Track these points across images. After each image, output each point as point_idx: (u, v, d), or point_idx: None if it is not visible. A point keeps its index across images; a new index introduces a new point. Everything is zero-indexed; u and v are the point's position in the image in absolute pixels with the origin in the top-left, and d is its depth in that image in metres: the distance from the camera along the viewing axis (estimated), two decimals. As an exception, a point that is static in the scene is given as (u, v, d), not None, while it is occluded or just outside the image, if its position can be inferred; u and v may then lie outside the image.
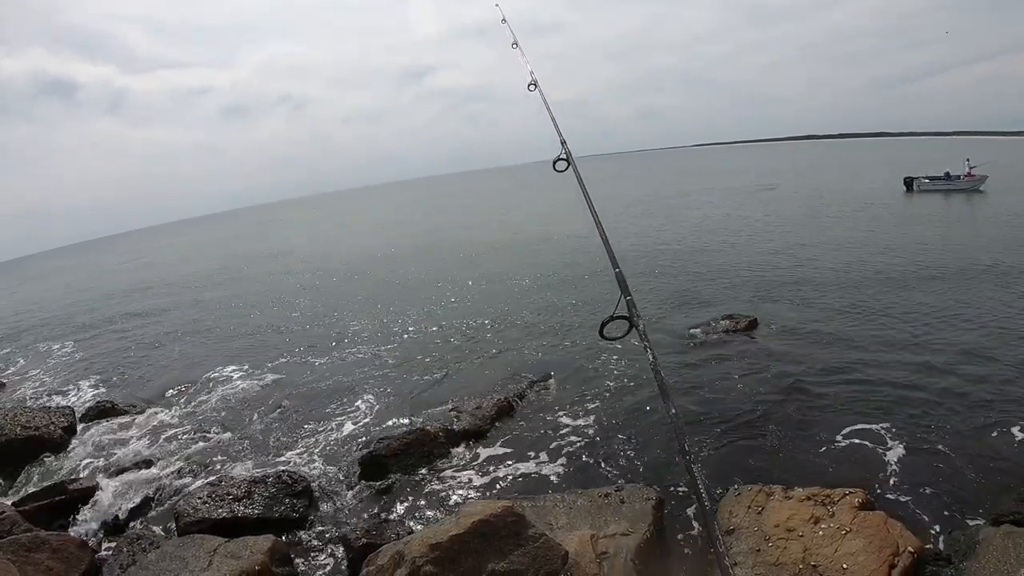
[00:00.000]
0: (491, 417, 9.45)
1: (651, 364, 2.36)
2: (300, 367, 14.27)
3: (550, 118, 5.28)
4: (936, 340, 11.13)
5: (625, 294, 2.72)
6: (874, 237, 21.70)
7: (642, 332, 2.52)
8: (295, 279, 28.34)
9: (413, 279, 24.00)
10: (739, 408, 9.25)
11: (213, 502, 7.39)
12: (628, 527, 5.78)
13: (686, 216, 33.60)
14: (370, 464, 8.41)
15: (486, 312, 17.13)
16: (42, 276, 60.48)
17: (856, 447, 7.78)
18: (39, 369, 18.06)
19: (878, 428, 8.17)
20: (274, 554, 6.06)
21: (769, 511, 5.66)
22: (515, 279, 21.26)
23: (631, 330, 2.60)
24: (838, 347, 11.29)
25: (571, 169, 4.46)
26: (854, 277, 16.28)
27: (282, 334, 17.77)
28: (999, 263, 16.25)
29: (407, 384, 12.24)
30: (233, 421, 11.33)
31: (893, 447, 7.67)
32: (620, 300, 2.69)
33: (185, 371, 15.19)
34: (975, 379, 9.33)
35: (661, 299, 16.19)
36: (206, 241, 73.29)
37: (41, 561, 6.03)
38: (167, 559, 6.04)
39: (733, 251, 21.97)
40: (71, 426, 11.15)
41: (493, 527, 5.11)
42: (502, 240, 31.97)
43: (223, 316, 22.02)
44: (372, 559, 5.35)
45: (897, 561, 4.83)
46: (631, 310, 2.62)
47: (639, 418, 9.25)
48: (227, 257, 45.41)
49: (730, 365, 10.99)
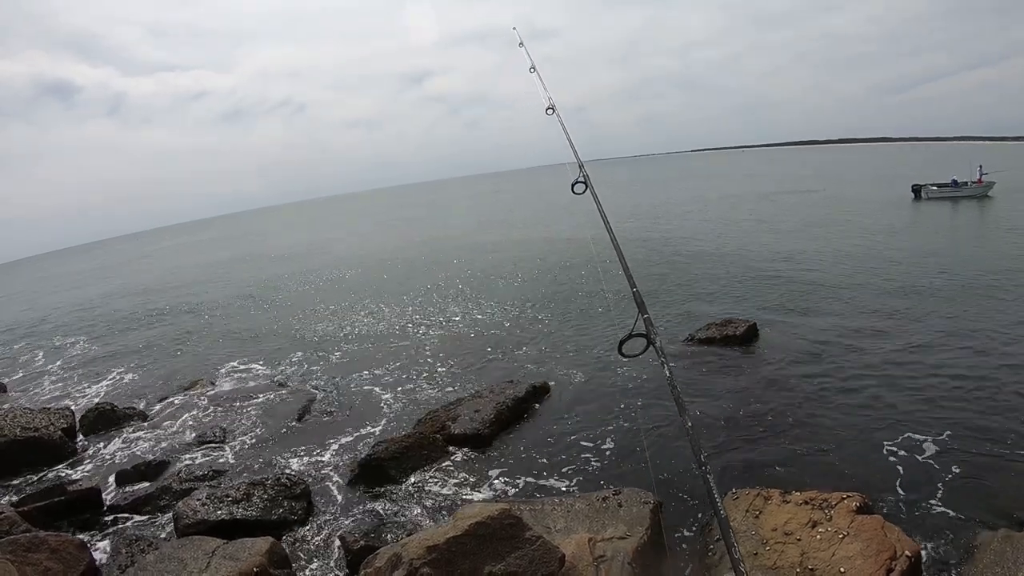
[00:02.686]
0: (489, 421, 9.45)
1: (668, 380, 2.39)
2: (298, 370, 14.30)
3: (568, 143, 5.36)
4: (935, 346, 11.14)
5: (643, 312, 2.76)
6: (882, 245, 21.60)
7: (659, 350, 2.54)
8: (292, 283, 28.39)
9: (411, 283, 24.02)
10: (736, 411, 9.28)
11: (212, 504, 7.40)
12: (626, 531, 5.78)
13: (688, 221, 33.64)
14: (368, 467, 8.42)
15: (484, 317, 17.16)
16: (39, 280, 60.48)
17: (853, 451, 7.79)
18: (39, 372, 18.11)
19: (875, 433, 8.18)
20: (272, 556, 6.06)
21: (767, 515, 5.66)
22: (514, 286, 21.29)
23: (648, 348, 2.63)
24: (836, 353, 11.30)
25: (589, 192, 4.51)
26: (857, 284, 16.28)
27: (280, 338, 17.80)
28: (1005, 270, 16.25)
29: (405, 387, 12.26)
30: (231, 424, 11.33)
31: (890, 451, 7.67)
32: (638, 318, 2.72)
33: (182, 374, 15.20)
34: (973, 385, 9.33)
35: (662, 303, 16.22)
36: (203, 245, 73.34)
37: (40, 561, 6.04)
38: (166, 560, 6.05)
39: (736, 256, 21.99)
40: (71, 428, 11.17)
41: (490, 529, 5.11)
42: (503, 244, 32.03)
43: (220, 320, 22.06)
44: (370, 561, 5.36)
45: (894, 565, 4.83)
46: (649, 328, 2.65)
47: (637, 423, 9.24)
48: (223, 261, 45.48)
49: (728, 370, 11.01)
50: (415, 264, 28.88)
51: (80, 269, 66.29)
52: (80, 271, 62.82)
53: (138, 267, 54.14)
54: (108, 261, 72.44)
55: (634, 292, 3.02)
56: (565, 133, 5.54)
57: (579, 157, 4.97)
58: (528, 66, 6.81)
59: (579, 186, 4.60)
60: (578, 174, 4.67)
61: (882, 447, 7.80)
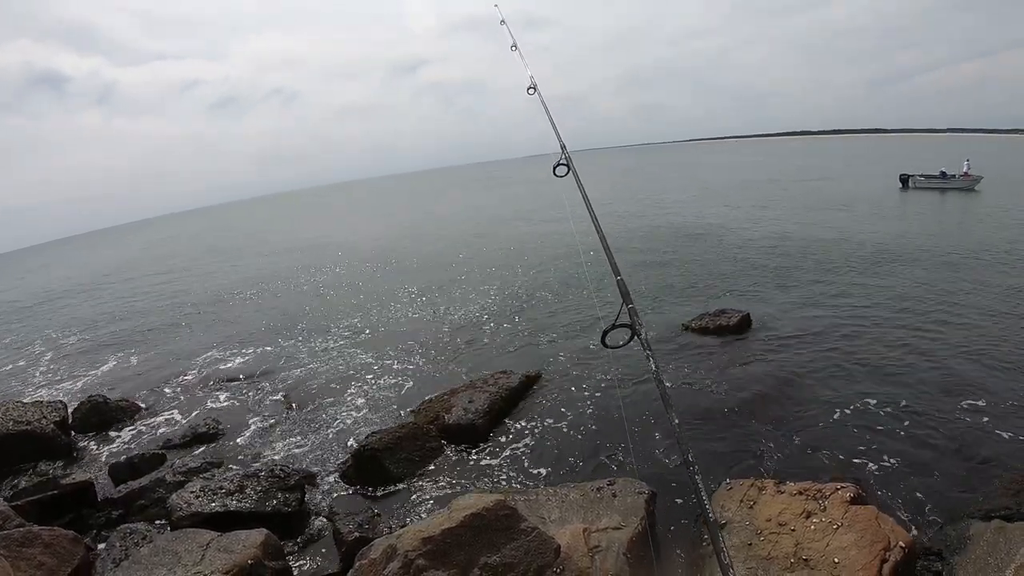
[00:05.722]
0: (483, 411, 9.44)
1: (654, 374, 2.34)
2: (291, 361, 14.24)
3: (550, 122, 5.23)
4: (929, 335, 11.19)
5: (627, 302, 2.69)
6: (869, 233, 21.78)
7: (644, 341, 2.49)
8: (285, 273, 28.19)
9: (404, 272, 23.93)
10: (730, 402, 9.30)
11: (206, 496, 7.38)
12: (620, 521, 5.78)
13: (682, 209, 33.60)
14: (362, 458, 8.40)
15: (477, 306, 17.12)
16: (28, 272, 59.97)
17: (848, 441, 7.82)
18: (31, 363, 18.00)
19: (869, 422, 8.22)
20: (267, 548, 6.04)
21: (761, 505, 5.67)
22: (507, 274, 21.22)
23: (633, 338, 2.57)
24: (829, 342, 11.34)
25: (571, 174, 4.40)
26: (847, 272, 16.35)
27: (273, 328, 17.70)
28: (993, 259, 16.37)
29: (399, 378, 12.24)
30: (225, 415, 11.30)
31: (884, 442, 7.71)
32: (622, 308, 2.65)
33: (176, 365, 15.14)
34: (967, 375, 9.38)
35: (653, 290, 16.24)
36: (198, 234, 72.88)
37: (33, 556, 6.01)
38: (160, 553, 6.02)
39: (726, 245, 22.02)
40: (64, 421, 11.09)
41: (486, 520, 5.11)
42: (492, 234, 31.93)
43: (214, 310, 21.94)
44: (364, 553, 5.35)
45: (888, 555, 4.84)
46: (633, 318, 2.59)
47: (631, 412, 9.25)
48: (215, 252, 45.16)
49: (721, 360, 11.03)
50: (405, 253, 28.74)
51: (70, 261, 65.84)
52: (70, 263, 62.39)
53: (129, 258, 53.76)
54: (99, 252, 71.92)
55: (618, 280, 2.93)
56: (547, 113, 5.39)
57: (561, 139, 4.81)
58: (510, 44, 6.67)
59: (561, 168, 4.47)
60: (560, 156, 4.54)
61: (876, 437, 7.84)
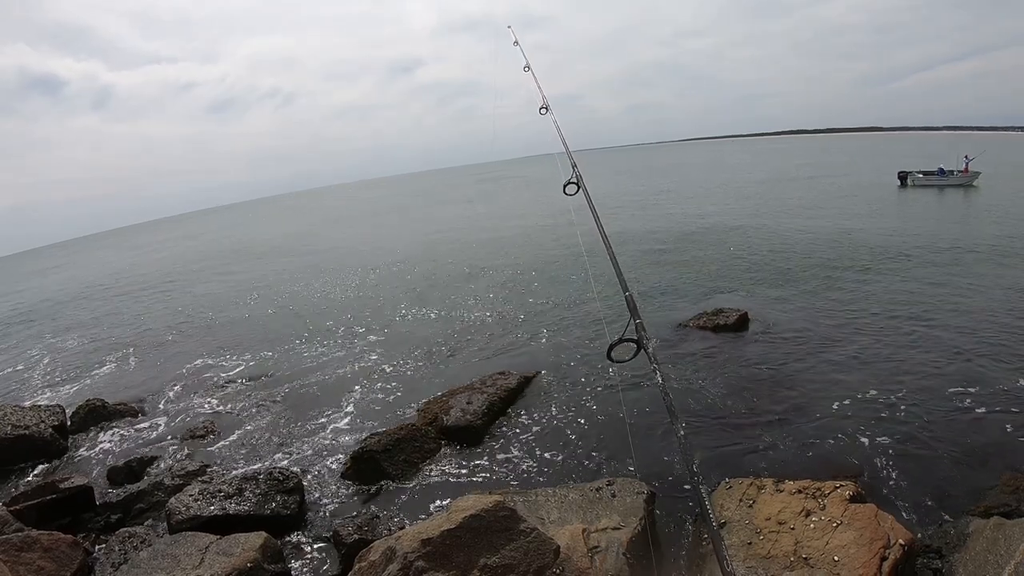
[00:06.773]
0: (482, 412, 9.43)
1: (660, 387, 2.34)
2: (290, 364, 14.22)
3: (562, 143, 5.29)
4: (928, 333, 11.20)
5: (635, 317, 2.69)
6: (868, 230, 21.83)
7: (651, 355, 2.48)
8: (284, 276, 28.16)
9: (403, 275, 23.93)
10: (728, 400, 9.31)
11: (204, 499, 7.36)
12: (619, 521, 5.78)
13: (676, 208, 33.64)
14: (361, 460, 8.39)
15: (476, 309, 17.11)
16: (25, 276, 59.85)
17: (847, 440, 7.82)
18: (29, 367, 17.96)
19: (868, 421, 8.22)
20: (266, 551, 6.04)
21: (760, 504, 5.67)
22: (506, 276, 21.22)
23: (639, 352, 2.56)
24: (827, 339, 11.35)
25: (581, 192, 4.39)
26: (845, 270, 16.37)
27: (271, 331, 17.68)
28: (991, 255, 16.38)
29: (397, 379, 12.24)
30: (224, 418, 11.29)
31: (884, 440, 7.71)
32: (629, 322, 2.66)
33: (174, 369, 15.11)
34: (966, 372, 9.39)
35: (650, 289, 16.26)
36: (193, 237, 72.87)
37: (32, 560, 6.00)
38: (159, 557, 6.02)
39: (723, 244, 22.04)
40: (62, 424, 11.07)
41: (485, 522, 5.10)
42: (490, 236, 31.93)
43: (212, 314, 21.89)
44: (364, 555, 5.34)
45: (888, 553, 4.84)
46: (640, 333, 2.59)
47: (630, 413, 9.25)
48: (215, 254, 45.17)
49: (720, 359, 11.03)
50: (404, 256, 28.74)
51: (68, 263, 65.77)
52: (68, 266, 62.30)
53: (127, 262, 53.67)
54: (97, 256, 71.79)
55: (626, 296, 2.95)
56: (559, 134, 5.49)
57: (572, 157, 4.81)
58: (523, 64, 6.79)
59: (571, 187, 4.43)
60: (571, 174, 4.50)
61: (875, 435, 7.84)
